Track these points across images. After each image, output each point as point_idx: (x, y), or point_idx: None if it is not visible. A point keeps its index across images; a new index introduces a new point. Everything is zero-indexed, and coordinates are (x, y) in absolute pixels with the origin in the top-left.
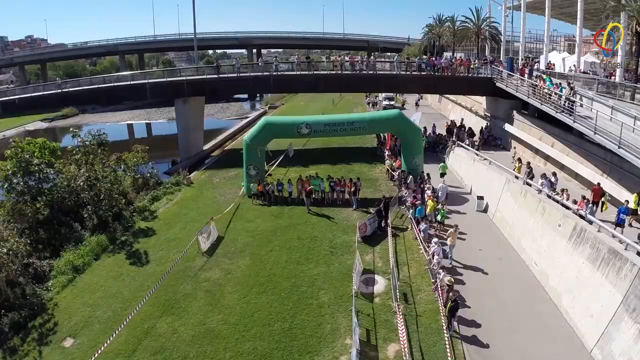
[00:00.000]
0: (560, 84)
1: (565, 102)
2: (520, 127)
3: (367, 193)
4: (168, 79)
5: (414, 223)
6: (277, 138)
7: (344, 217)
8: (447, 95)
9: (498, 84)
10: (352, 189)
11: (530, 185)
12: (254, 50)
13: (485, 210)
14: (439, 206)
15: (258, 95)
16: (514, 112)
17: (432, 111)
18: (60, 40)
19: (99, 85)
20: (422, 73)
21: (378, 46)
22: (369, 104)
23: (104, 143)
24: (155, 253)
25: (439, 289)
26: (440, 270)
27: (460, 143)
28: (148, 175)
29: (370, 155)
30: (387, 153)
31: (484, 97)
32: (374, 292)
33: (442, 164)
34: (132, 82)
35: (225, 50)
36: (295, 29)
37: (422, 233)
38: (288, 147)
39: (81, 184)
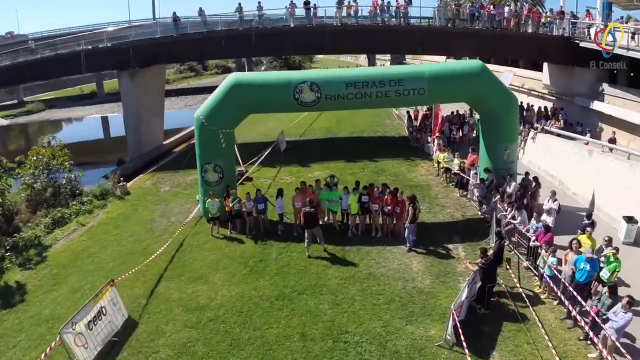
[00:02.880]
0: None
1: None
2: (620, 105)
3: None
4: (108, 44)
5: (568, 296)
6: (256, 112)
7: (395, 271)
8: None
9: (583, 45)
10: (409, 210)
11: None
12: None
13: (637, 243)
14: (603, 247)
15: None
16: (604, 84)
17: None
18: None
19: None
20: (475, 27)
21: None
22: None
23: None
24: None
25: None
26: None
27: (549, 129)
28: (63, 182)
29: (401, 146)
30: (437, 142)
31: (545, 68)
32: None
33: None
34: (59, 52)
35: None
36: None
37: (615, 334)
38: (278, 136)
39: None
